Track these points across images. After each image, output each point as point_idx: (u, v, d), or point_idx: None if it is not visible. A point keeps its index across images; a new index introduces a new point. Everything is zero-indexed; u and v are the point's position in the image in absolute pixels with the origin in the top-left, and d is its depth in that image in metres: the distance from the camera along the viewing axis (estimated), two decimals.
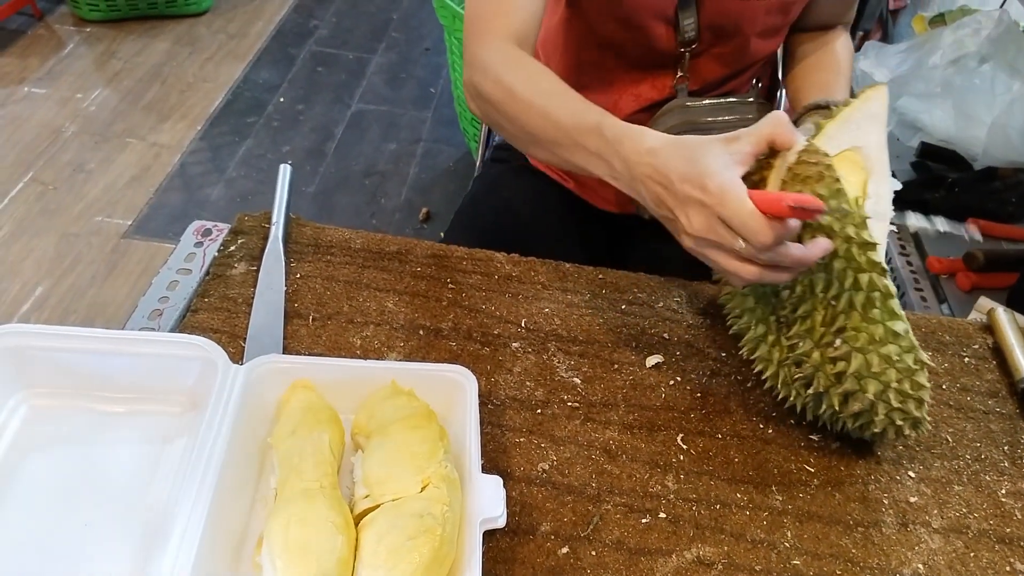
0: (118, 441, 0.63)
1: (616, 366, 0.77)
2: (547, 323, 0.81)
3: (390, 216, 2.24)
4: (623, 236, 1.11)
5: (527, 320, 0.81)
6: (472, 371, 0.66)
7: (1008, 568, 0.65)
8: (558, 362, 0.77)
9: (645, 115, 0.98)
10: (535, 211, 1.09)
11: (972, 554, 0.65)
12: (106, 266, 2.00)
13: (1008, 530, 0.67)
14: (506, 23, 0.82)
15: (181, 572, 0.51)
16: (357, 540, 0.54)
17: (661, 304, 0.84)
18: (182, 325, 0.77)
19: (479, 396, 0.65)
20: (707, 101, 0.97)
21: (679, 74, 0.97)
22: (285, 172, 0.91)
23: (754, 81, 1.03)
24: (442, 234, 1.08)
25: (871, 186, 0.70)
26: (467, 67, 0.83)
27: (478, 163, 1.36)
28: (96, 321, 1.85)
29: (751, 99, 0.98)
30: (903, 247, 1.36)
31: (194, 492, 0.54)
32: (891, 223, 0.94)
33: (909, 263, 1.32)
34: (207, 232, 0.89)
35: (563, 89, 0.76)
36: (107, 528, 0.57)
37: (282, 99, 2.66)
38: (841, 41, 1.00)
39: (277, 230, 0.85)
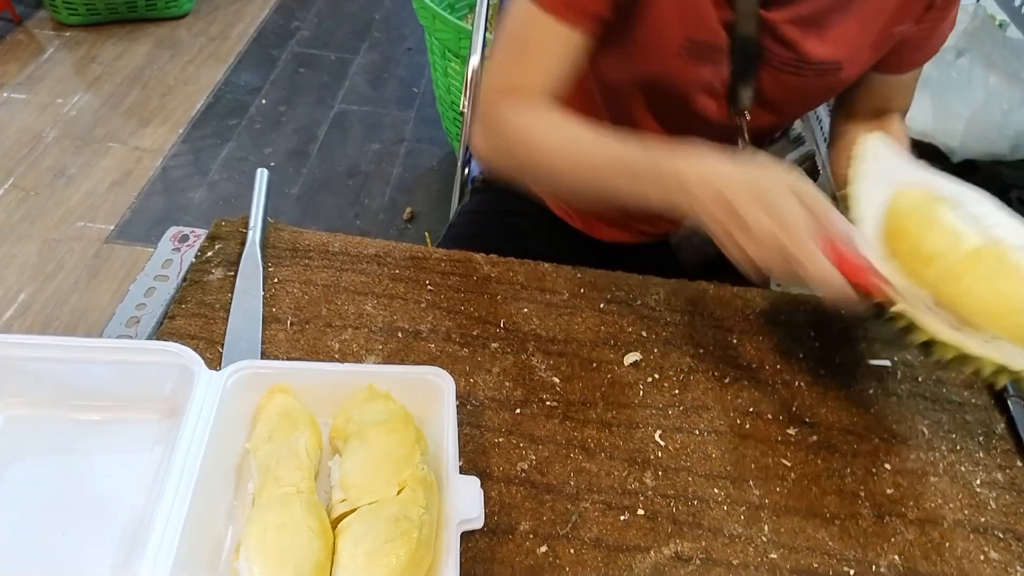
0: (95, 450, 0.63)
1: (595, 365, 0.77)
2: (526, 323, 0.81)
3: (374, 217, 2.24)
4: (615, 262, 1.10)
5: (506, 320, 0.81)
6: (451, 372, 0.66)
7: (982, 557, 0.65)
8: (537, 362, 0.77)
9: None
10: (527, 235, 1.08)
11: (947, 544, 0.66)
12: (88, 272, 1.99)
13: (982, 519, 0.68)
14: (533, 88, 0.81)
15: None
16: (335, 544, 0.54)
17: (639, 302, 0.84)
18: (160, 332, 0.77)
19: (458, 397, 0.65)
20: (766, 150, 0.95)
21: (739, 143, 0.92)
22: (262, 176, 0.91)
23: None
24: (426, 233, 1.08)
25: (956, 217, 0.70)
26: (484, 123, 0.84)
27: (456, 183, 1.35)
28: (79, 327, 1.84)
29: (796, 133, 0.97)
30: None
31: (171, 500, 0.54)
32: None
33: None
34: (184, 238, 0.88)
35: (593, 130, 0.78)
36: (85, 537, 0.57)
37: (264, 101, 2.65)
38: (894, 128, 0.93)
39: (255, 235, 0.85)
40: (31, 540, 0.57)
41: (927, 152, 1.53)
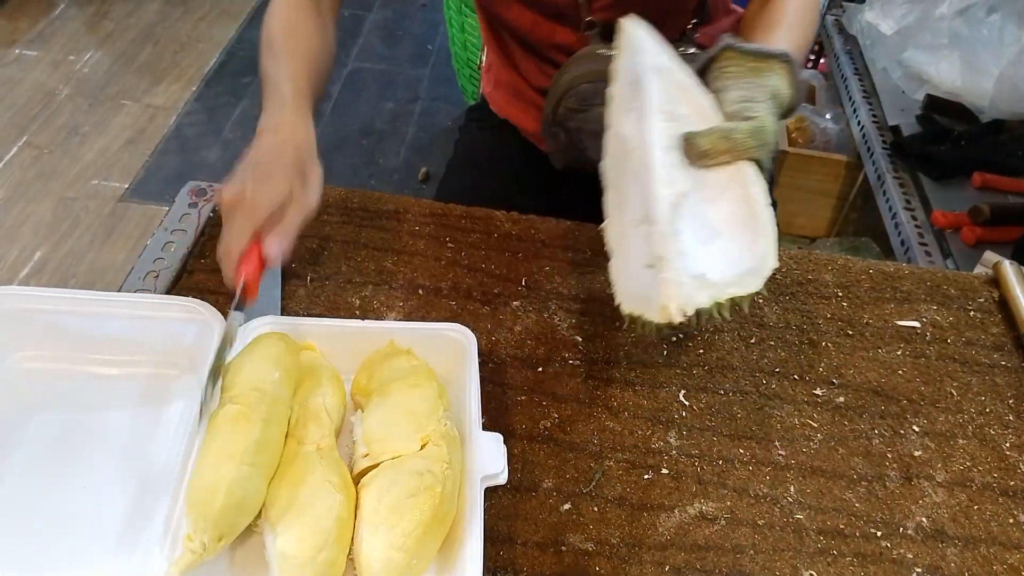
0: (114, 404, 0.62)
1: (618, 323, 0.76)
2: (547, 281, 0.80)
3: (388, 177, 2.22)
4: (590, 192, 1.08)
5: (527, 278, 0.80)
6: (472, 330, 0.65)
7: (1012, 520, 0.64)
8: (559, 320, 0.76)
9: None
10: (514, 171, 1.07)
11: (976, 507, 0.65)
12: (104, 230, 1.99)
13: (1012, 483, 0.67)
14: None
15: (178, 536, 0.50)
16: (357, 499, 0.54)
17: None
18: (178, 287, 0.76)
19: (480, 355, 0.64)
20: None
21: (587, 18, 0.89)
22: None
23: (689, 27, 0.93)
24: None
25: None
26: None
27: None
28: (96, 285, 1.84)
29: (681, 48, 0.87)
30: (908, 201, 1.34)
31: (193, 455, 0.54)
32: (895, 175, 0.91)
33: (914, 217, 1.31)
34: (202, 192, 0.87)
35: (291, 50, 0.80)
36: (104, 492, 0.57)
37: None
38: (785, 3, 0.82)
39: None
40: (49, 494, 0.57)
41: (954, 111, 1.49)
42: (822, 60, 2.02)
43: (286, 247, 0.67)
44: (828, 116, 1.73)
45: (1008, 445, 0.70)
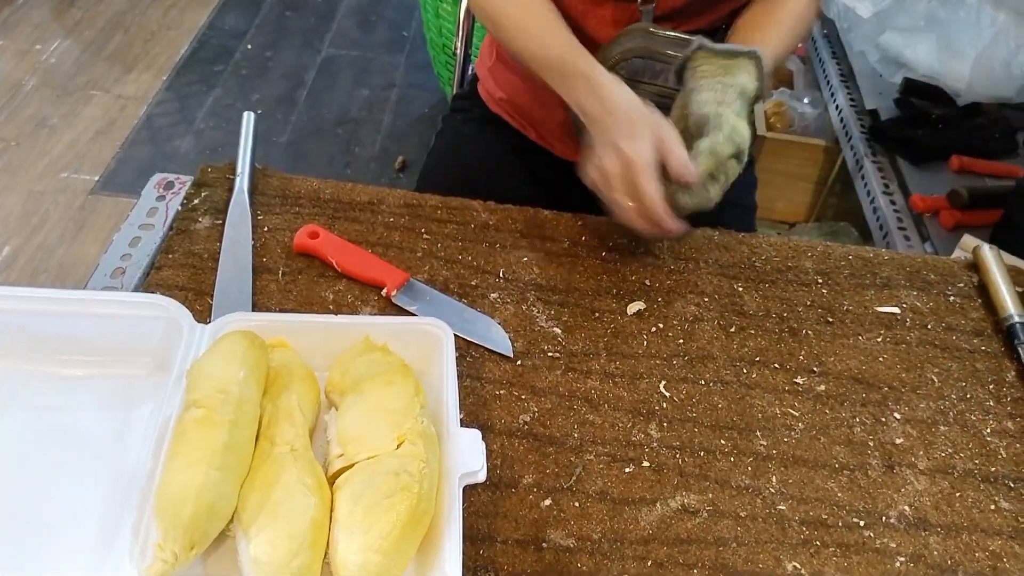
0: (81, 406, 0.60)
1: (597, 314, 0.75)
2: (526, 272, 0.79)
3: (365, 166, 2.19)
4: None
5: (505, 270, 0.79)
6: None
7: (993, 507, 0.64)
8: (537, 312, 0.75)
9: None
10: (500, 164, 1.05)
11: (958, 494, 0.65)
12: (75, 224, 1.95)
13: (993, 469, 0.67)
14: None
15: (148, 544, 0.49)
16: (332, 501, 0.53)
17: (642, 250, 0.82)
18: (146, 283, 0.74)
19: (456, 349, 0.63)
20: (671, 33, 0.88)
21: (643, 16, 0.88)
22: (249, 120, 0.87)
23: (724, 26, 0.94)
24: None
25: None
26: None
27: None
28: (67, 280, 1.81)
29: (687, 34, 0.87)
30: (886, 185, 1.34)
31: (162, 458, 0.52)
32: (873, 159, 0.92)
33: (892, 202, 1.31)
34: (169, 185, 0.85)
35: (553, 19, 0.82)
36: (71, 498, 0.55)
37: (249, 46, 2.58)
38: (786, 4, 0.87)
39: (242, 181, 0.82)
40: (13, 500, 0.55)
41: (932, 94, 1.49)
42: (799, 45, 2.02)
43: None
44: (806, 100, 1.73)
45: (989, 431, 0.70)
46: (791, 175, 1.65)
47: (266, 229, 0.79)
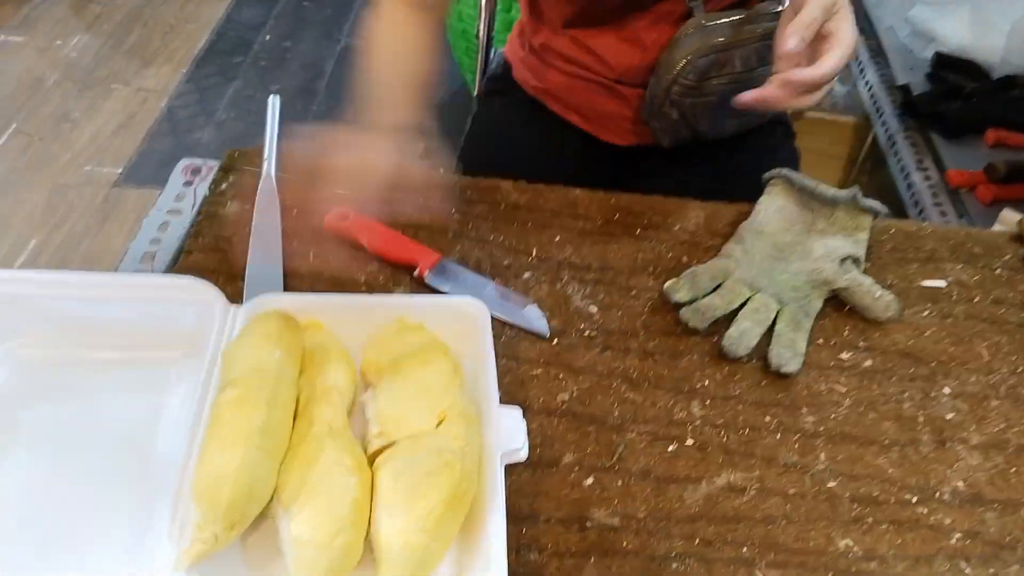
0: (114, 390, 0.60)
1: (633, 292, 0.73)
2: (559, 252, 0.77)
3: None
4: (635, 169, 1.05)
5: (538, 249, 0.77)
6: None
7: None
8: (572, 291, 0.73)
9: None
10: (543, 149, 1.03)
11: (1013, 469, 0.62)
12: (99, 216, 1.96)
13: None
14: None
15: (187, 525, 0.48)
16: (373, 481, 0.51)
17: (678, 227, 0.80)
18: (176, 268, 0.73)
19: (492, 329, 0.62)
20: (725, 20, 0.87)
21: None
22: (275, 104, 0.86)
23: None
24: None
25: None
26: None
27: (475, 96, 1.29)
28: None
29: (779, 8, 0.86)
30: (920, 161, 1.31)
31: (198, 440, 0.52)
32: (906, 135, 0.89)
33: (927, 177, 1.28)
34: (196, 171, 0.84)
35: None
36: (106, 482, 0.55)
37: (268, 37, 2.57)
38: None
39: (269, 166, 0.80)
40: (50, 485, 0.55)
41: (965, 68, 1.45)
42: None
43: None
44: (835, 77, 1.69)
45: None
46: (821, 153, 1.62)
47: (295, 212, 0.78)
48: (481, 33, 1.30)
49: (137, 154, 2.13)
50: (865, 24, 1.66)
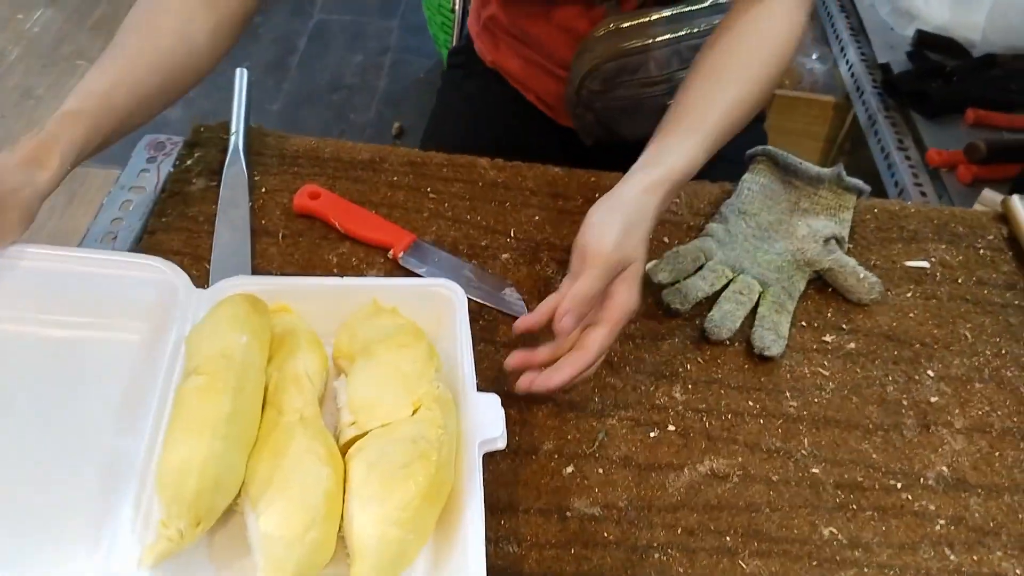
0: (70, 370, 0.57)
1: None
2: (538, 232, 0.75)
3: (360, 132, 2.14)
4: (603, 152, 1.02)
5: (516, 229, 0.75)
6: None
7: None
8: (552, 272, 0.71)
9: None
10: (507, 127, 1.00)
11: (997, 453, 0.62)
12: (65, 195, 1.90)
13: None
14: None
15: (150, 520, 0.46)
16: (345, 471, 0.49)
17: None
18: (139, 248, 0.70)
19: (468, 312, 0.59)
20: (640, 20, 0.82)
21: None
22: (242, 76, 0.83)
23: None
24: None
25: None
26: None
27: (441, 72, 1.26)
28: None
29: (704, 3, 0.82)
30: (900, 141, 1.30)
31: (162, 430, 0.49)
32: (886, 115, 0.86)
33: (907, 157, 1.27)
34: (160, 146, 0.81)
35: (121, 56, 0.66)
36: (64, 473, 0.52)
37: None
38: (772, 16, 0.67)
39: (237, 140, 0.78)
40: (1, 474, 0.52)
41: (946, 46, 1.44)
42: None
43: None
44: (814, 56, 1.68)
45: None
46: (800, 133, 1.60)
47: (264, 190, 0.75)
48: (457, 7, 1.27)
49: None
50: (846, 2, 1.65)
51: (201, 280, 0.66)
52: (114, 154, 2.10)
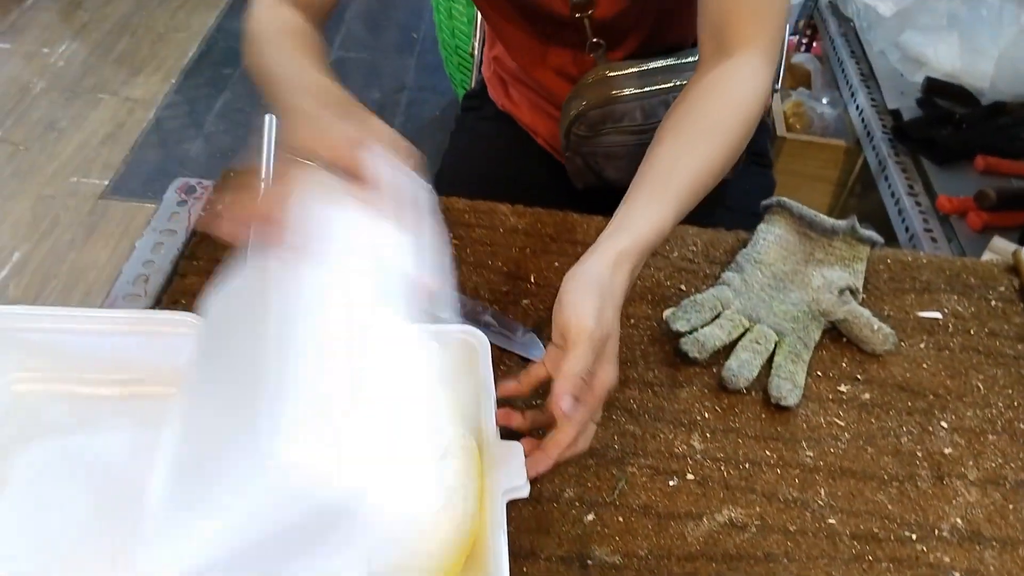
0: (108, 428, 0.58)
1: (632, 321, 0.73)
2: (557, 278, 0.76)
3: None
4: (612, 198, 1.03)
5: (536, 275, 0.77)
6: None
7: None
8: None
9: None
10: (518, 163, 1.03)
11: (1011, 506, 0.63)
12: (85, 228, 1.93)
13: None
14: None
15: None
16: None
17: (676, 254, 0.80)
18: (170, 291, 0.72)
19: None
20: (631, 70, 0.84)
21: (592, 39, 0.83)
22: (271, 123, 0.85)
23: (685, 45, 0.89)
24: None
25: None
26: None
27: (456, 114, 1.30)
28: (78, 285, 1.79)
29: (694, 57, 0.81)
30: (911, 186, 1.32)
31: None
32: (896, 160, 0.85)
33: (918, 203, 1.28)
34: (191, 189, 0.83)
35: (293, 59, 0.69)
36: (94, 524, 0.53)
37: None
38: (738, 75, 0.67)
39: (267, 186, 0.80)
40: (40, 526, 0.53)
41: (955, 94, 1.47)
42: (815, 43, 2.00)
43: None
44: (825, 100, 1.71)
45: None
46: (810, 176, 1.63)
47: None
48: (475, 49, 1.30)
49: (124, 165, 2.11)
50: (855, 47, 1.68)
51: None
52: (136, 188, 2.13)
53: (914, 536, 0.60)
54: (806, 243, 0.78)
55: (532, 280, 0.76)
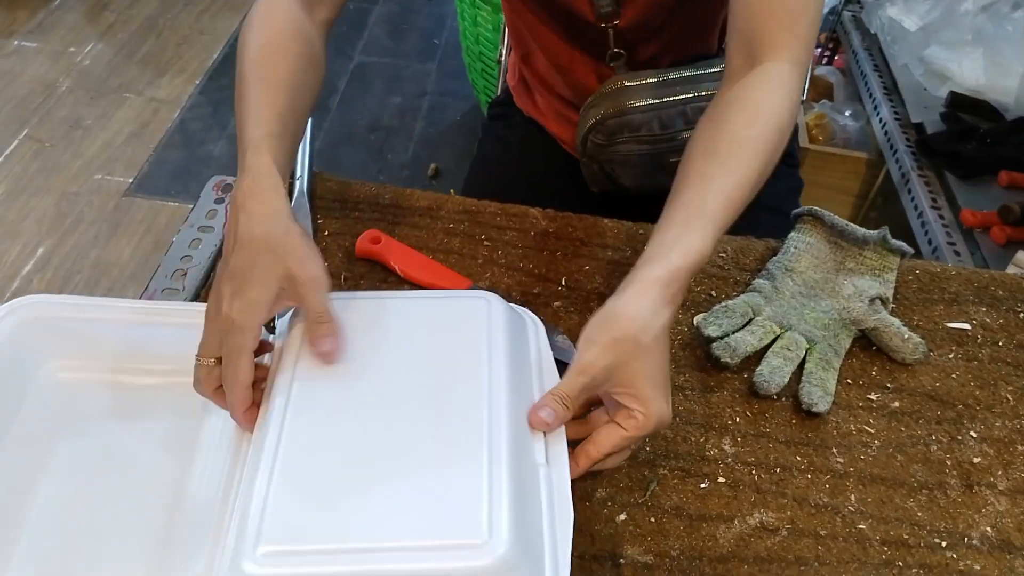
0: (151, 416, 0.60)
1: None
2: (588, 281, 0.78)
3: (397, 173, 2.19)
4: (638, 202, 1.05)
5: (567, 278, 0.78)
6: None
7: None
8: None
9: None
10: (545, 170, 1.04)
11: None
12: (109, 226, 1.95)
13: None
14: None
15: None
16: None
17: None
18: (206, 287, 0.73)
19: None
20: (650, 80, 0.85)
21: (612, 49, 0.85)
22: (307, 124, 0.86)
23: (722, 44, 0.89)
24: (451, 191, 1.02)
25: None
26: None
27: (482, 122, 1.31)
28: (101, 282, 1.81)
29: (716, 68, 0.83)
30: (934, 200, 1.32)
31: (237, 472, 0.51)
32: (920, 173, 0.85)
33: (941, 216, 1.29)
34: (228, 188, 0.85)
35: (266, 79, 0.66)
36: (143, 510, 0.54)
37: None
38: (767, 84, 0.64)
39: (302, 184, 0.81)
40: (84, 513, 0.54)
41: (979, 109, 1.47)
42: (837, 56, 2.00)
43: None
44: (848, 113, 1.71)
45: None
46: (832, 188, 1.63)
47: (326, 233, 0.79)
48: (502, 56, 1.31)
49: (148, 164, 2.13)
50: (879, 61, 1.68)
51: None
52: (159, 186, 2.15)
53: (944, 543, 0.60)
54: (837, 252, 0.79)
55: (563, 283, 0.77)
